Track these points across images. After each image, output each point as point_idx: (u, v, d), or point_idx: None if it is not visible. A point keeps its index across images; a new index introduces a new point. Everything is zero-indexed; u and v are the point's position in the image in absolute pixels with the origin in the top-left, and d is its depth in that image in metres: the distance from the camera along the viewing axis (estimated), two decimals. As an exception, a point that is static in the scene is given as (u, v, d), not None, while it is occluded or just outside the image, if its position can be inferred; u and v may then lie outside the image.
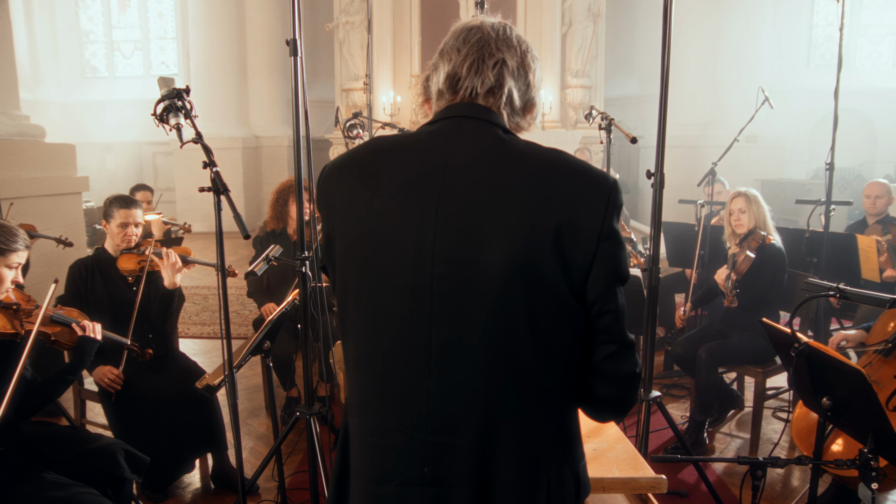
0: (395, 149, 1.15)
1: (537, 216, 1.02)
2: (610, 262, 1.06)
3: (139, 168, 12.54)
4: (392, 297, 1.09)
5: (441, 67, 1.16)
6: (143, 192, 5.03)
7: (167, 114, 2.10)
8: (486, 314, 1.04)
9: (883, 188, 4.46)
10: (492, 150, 1.09)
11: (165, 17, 13.08)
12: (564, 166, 1.07)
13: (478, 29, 1.15)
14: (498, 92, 1.14)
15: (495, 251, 1.02)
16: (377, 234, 1.09)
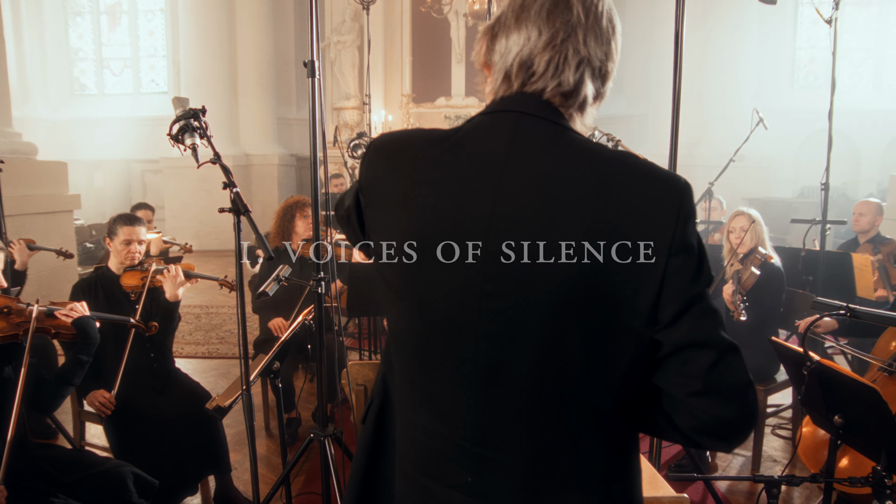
0: (452, 142, 1.03)
1: (599, 228, 0.93)
2: (684, 277, 0.94)
3: (128, 186, 12.47)
4: (439, 306, 1.01)
5: (513, 36, 1.02)
6: (144, 210, 5.01)
7: (182, 134, 2.10)
8: (538, 334, 0.95)
9: (867, 206, 4.54)
10: (554, 153, 0.98)
11: (156, 36, 13.08)
12: (631, 171, 0.96)
13: (566, 2, 1.00)
14: (573, 96, 1.02)
15: (549, 268, 0.93)
16: (426, 236, 1.00)
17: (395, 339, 1.10)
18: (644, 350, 0.97)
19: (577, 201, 0.94)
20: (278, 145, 12.18)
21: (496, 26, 1.04)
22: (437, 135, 1.06)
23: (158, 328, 3.22)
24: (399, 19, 10.75)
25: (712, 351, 0.95)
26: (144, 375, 3.19)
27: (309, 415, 4.31)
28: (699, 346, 0.95)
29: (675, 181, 0.96)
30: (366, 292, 3.61)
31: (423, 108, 10.91)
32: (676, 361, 0.97)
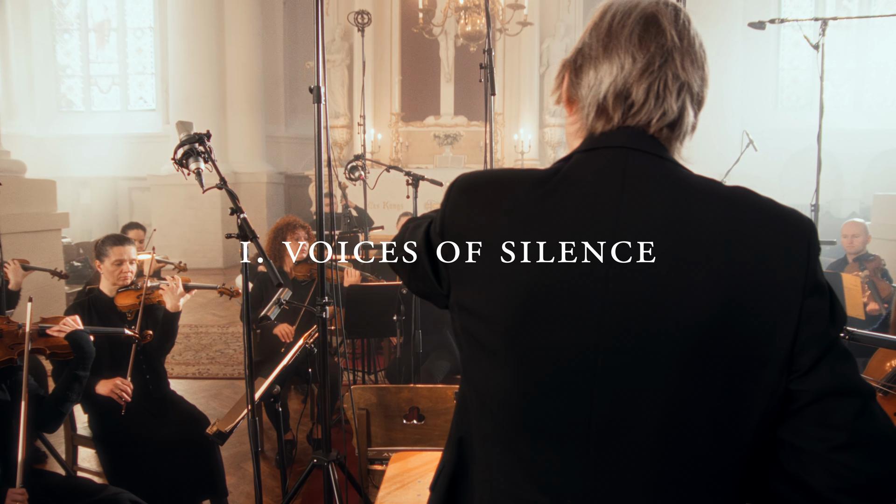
0: (554, 182, 0.94)
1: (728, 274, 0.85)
2: (820, 319, 0.86)
3: (115, 203, 12.39)
4: (548, 365, 0.91)
5: (603, 66, 0.94)
6: (135, 230, 4.97)
7: (187, 158, 2.10)
8: (661, 391, 0.86)
9: (859, 227, 4.63)
10: (672, 192, 0.89)
11: (145, 53, 13.06)
12: (757, 208, 0.88)
13: (657, 25, 0.92)
14: (678, 126, 0.95)
15: (675, 317, 0.85)
16: (536, 289, 0.91)
17: (485, 400, 0.98)
18: (776, 404, 0.88)
19: (703, 244, 0.86)
20: (266, 163, 12.16)
21: (579, 58, 0.97)
22: (534, 175, 0.97)
23: (157, 343, 3.20)
24: (388, 39, 10.82)
25: (856, 398, 0.85)
26: (140, 398, 3.15)
27: (304, 437, 4.27)
28: (842, 394, 0.86)
29: (800, 217, 0.89)
30: (363, 314, 3.61)
31: (412, 127, 10.95)
32: (815, 412, 0.87)
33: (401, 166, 10.50)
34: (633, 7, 0.94)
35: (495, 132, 10.85)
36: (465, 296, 0.98)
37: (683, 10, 0.95)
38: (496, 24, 6.66)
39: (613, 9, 0.95)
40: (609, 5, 0.97)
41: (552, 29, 10.69)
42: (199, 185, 2.10)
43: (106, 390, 2.97)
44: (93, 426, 3.11)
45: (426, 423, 2.54)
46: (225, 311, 8.12)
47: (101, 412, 3.08)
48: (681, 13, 0.94)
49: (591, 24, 0.98)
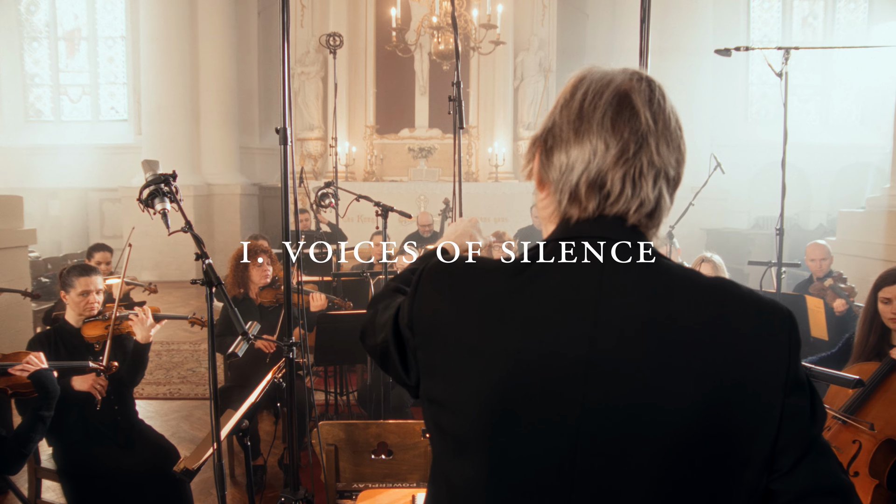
0: (529, 274, 0.90)
1: (710, 374, 0.82)
2: (802, 418, 0.85)
3: (85, 215, 12.19)
4: (523, 466, 0.88)
5: (574, 150, 0.89)
6: (102, 252, 4.90)
7: (153, 199, 2.09)
8: (640, 494, 0.84)
9: (824, 250, 4.74)
10: (652, 286, 0.87)
11: (116, 63, 12.89)
12: (737, 302, 0.86)
13: (630, 107, 0.88)
14: (655, 215, 0.91)
15: (657, 420, 0.83)
16: (508, 387, 0.87)
17: (457, 494, 0.94)
18: (756, 502, 0.86)
19: (684, 345, 0.83)
20: (240, 175, 12.07)
21: (549, 139, 0.93)
22: (508, 266, 0.93)
23: (126, 375, 3.15)
24: (363, 51, 10.83)
25: (838, 499, 0.85)
26: (106, 429, 3.12)
27: (275, 460, 4.25)
28: (823, 494, 0.85)
29: (781, 310, 0.87)
30: (334, 341, 3.60)
31: (386, 140, 10.97)
32: None
33: (375, 179, 10.52)
34: (606, 85, 0.90)
35: (469, 145, 10.91)
36: (436, 390, 0.95)
37: (658, 86, 0.92)
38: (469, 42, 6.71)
39: (585, 85, 0.92)
40: (581, 79, 0.93)
41: (526, 43, 10.78)
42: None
43: (86, 385, 2.94)
44: (57, 459, 3.06)
45: (394, 457, 2.55)
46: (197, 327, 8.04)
47: (67, 444, 3.04)
48: (655, 90, 0.90)
49: (562, 99, 0.94)
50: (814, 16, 12.20)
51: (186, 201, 10.70)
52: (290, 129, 2.04)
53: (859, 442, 2.65)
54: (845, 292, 4.46)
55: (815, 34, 12.25)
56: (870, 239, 6.45)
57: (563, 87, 0.97)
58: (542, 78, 10.78)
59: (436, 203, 9.64)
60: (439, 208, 7.26)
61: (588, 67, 0.95)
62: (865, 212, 6.71)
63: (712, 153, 4.91)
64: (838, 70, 12.03)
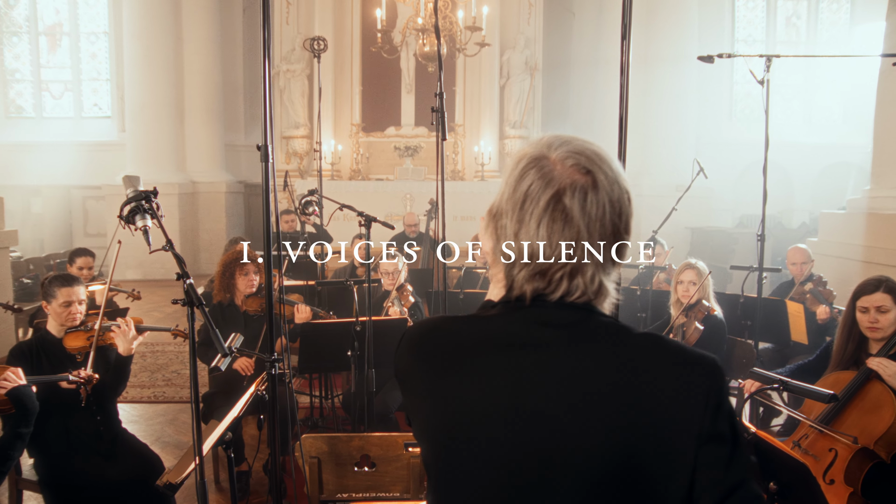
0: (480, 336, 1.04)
1: (627, 421, 0.92)
2: (716, 467, 0.92)
3: (68, 212, 12.08)
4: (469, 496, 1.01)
5: (517, 240, 0.99)
6: (84, 257, 4.85)
7: (133, 216, 2.08)
8: None
9: (804, 254, 4.80)
10: (580, 343, 0.98)
11: (99, 59, 12.75)
12: (659, 356, 0.96)
13: (565, 216, 0.96)
14: (598, 296, 1.01)
15: (576, 465, 0.93)
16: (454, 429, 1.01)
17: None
18: None
19: (604, 398, 0.93)
20: (226, 172, 12.00)
21: (498, 216, 1.02)
22: (464, 326, 1.06)
23: (109, 386, 3.14)
24: (349, 48, 10.79)
25: None
26: (89, 440, 3.10)
27: (260, 465, 4.24)
28: None
29: (703, 365, 0.95)
30: (317, 350, 3.61)
31: (372, 138, 10.94)
32: None
33: (361, 177, 10.50)
34: (547, 184, 0.97)
35: (456, 144, 10.91)
36: (413, 427, 1.11)
37: (598, 186, 0.97)
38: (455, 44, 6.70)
39: (529, 178, 0.98)
40: (527, 169, 0.99)
41: (512, 41, 10.79)
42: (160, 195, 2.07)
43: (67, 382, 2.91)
44: (39, 470, 3.04)
45: (377, 469, 2.57)
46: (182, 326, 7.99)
47: (49, 455, 3.02)
48: (587, 195, 0.97)
49: (511, 179, 1.01)
50: (797, 16, 12.30)
51: (170, 199, 10.72)
52: (271, 147, 2.04)
53: (835, 450, 2.70)
54: (825, 297, 4.52)
55: (799, 34, 12.35)
56: (850, 240, 6.54)
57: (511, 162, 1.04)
58: (529, 76, 10.80)
59: (422, 202, 9.64)
60: (425, 208, 7.26)
61: (535, 152, 1.01)
62: (846, 213, 6.80)
63: (695, 158, 4.94)
64: (821, 70, 12.15)
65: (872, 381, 2.77)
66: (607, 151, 1.03)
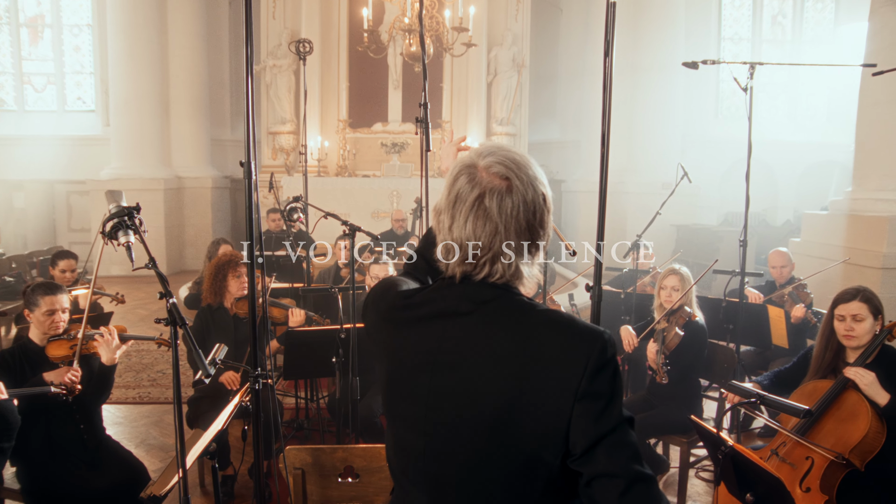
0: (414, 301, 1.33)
1: (517, 379, 1.16)
2: (589, 417, 1.14)
3: (51, 207, 11.95)
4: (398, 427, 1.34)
5: (451, 231, 1.23)
6: (66, 260, 4.81)
7: (116, 232, 2.07)
8: (466, 455, 1.22)
9: (785, 258, 4.86)
10: (486, 317, 1.22)
11: (82, 52, 12.59)
12: (551, 328, 1.19)
13: (485, 214, 1.19)
14: (514, 278, 1.25)
15: (476, 404, 1.20)
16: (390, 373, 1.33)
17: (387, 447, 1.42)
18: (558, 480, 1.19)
19: (502, 358, 1.19)
20: (212, 167, 11.93)
21: (439, 213, 1.27)
22: (414, 294, 1.35)
23: (92, 395, 3.12)
24: (336, 44, 10.72)
25: (621, 480, 1.13)
26: (73, 448, 3.09)
27: (245, 469, 4.25)
28: (610, 476, 1.13)
29: (589, 335, 1.17)
30: (302, 356, 3.62)
31: (359, 134, 10.90)
32: (592, 489, 1.15)
33: (348, 173, 10.46)
34: (473, 187, 1.21)
35: (442, 140, 10.89)
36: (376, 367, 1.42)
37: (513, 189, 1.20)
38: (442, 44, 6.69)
39: (460, 182, 1.23)
40: (457, 176, 1.24)
41: (500, 38, 10.77)
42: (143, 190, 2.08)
43: (61, 378, 2.92)
44: (21, 478, 3.03)
45: (361, 480, 2.58)
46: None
47: (32, 463, 3.01)
48: (505, 197, 1.20)
49: (448, 182, 1.26)
50: (783, 14, 12.36)
51: (156, 195, 10.65)
52: (254, 163, 2.04)
53: (812, 459, 2.74)
54: (801, 299, 4.60)
55: (784, 32, 12.42)
56: (832, 241, 6.61)
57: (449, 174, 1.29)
58: (516, 73, 10.79)
59: (408, 199, 9.65)
60: (411, 206, 7.27)
61: (468, 161, 1.24)
62: (828, 214, 6.87)
63: (680, 163, 4.97)
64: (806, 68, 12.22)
65: (849, 390, 2.82)
66: (528, 160, 1.25)
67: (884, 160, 6.23)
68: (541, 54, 12.72)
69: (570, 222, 12.39)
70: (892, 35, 6.11)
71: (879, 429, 2.71)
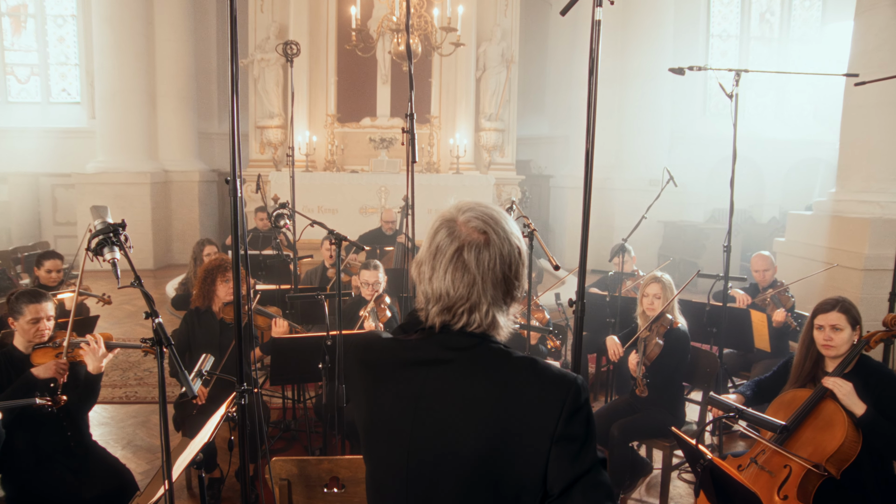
0: (398, 358, 1.35)
1: (496, 425, 1.21)
2: (565, 460, 1.19)
3: (36, 200, 11.84)
4: (379, 469, 1.37)
5: (431, 283, 1.28)
6: (52, 260, 4.78)
7: (101, 248, 2.07)
8: (447, 500, 1.26)
9: (767, 261, 4.92)
10: (466, 366, 1.27)
11: (67, 43, 12.44)
12: (527, 374, 1.24)
13: (463, 266, 1.25)
14: (491, 328, 1.29)
15: (455, 452, 1.24)
16: (372, 419, 1.36)
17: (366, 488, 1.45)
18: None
19: (480, 403, 1.24)
20: (199, 161, 11.87)
21: (420, 265, 1.32)
22: (394, 346, 1.38)
23: (78, 403, 3.11)
24: (324, 38, 10.65)
25: None
26: (59, 455, 3.09)
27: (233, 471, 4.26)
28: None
29: (563, 381, 1.23)
30: (288, 363, 3.64)
31: (347, 129, 10.86)
32: None
33: (336, 168, 10.43)
34: (452, 240, 1.27)
35: (431, 135, 10.88)
36: (356, 417, 1.45)
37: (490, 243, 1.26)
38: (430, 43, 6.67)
39: (441, 235, 1.28)
40: (438, 229, 1.30)
41: (489, 33, 10.74)
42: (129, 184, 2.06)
43: (50, 371, 2.95)
44: (6, 486, 3.02)
45: (347, 490, 2.60)
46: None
47: (17, 471, 3.01)
48: (483, 251, 1.26)
49: (429, 235, 1.31)
50: (771, 12, 12.42)
51: (143, 188, 10.58)
52: (239, 182, 2.04)
53: (790, 467, 2.80)
54: (783, 302, 4.67)
55: (772, 30, 12.48)
56: (816, 242, 6.68)
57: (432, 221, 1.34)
58: (505, 68, 10.77)
59: (396, 195, 9.63)
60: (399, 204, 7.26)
61: (448, 215, 1.31)
62: (812, 215, 6.94)
63: (665, 167, 5.00)
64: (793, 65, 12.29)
65: (827, 399, 2.88)
66: (504, 215, 1.32)
67: (867, 162, 6.30)
68: (530, 49, 12.72)
69: (558, 218, 12.44)
70: (876, 38, 6.17)
71: (855, 438, 2.76)
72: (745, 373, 4.87)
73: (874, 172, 6.20)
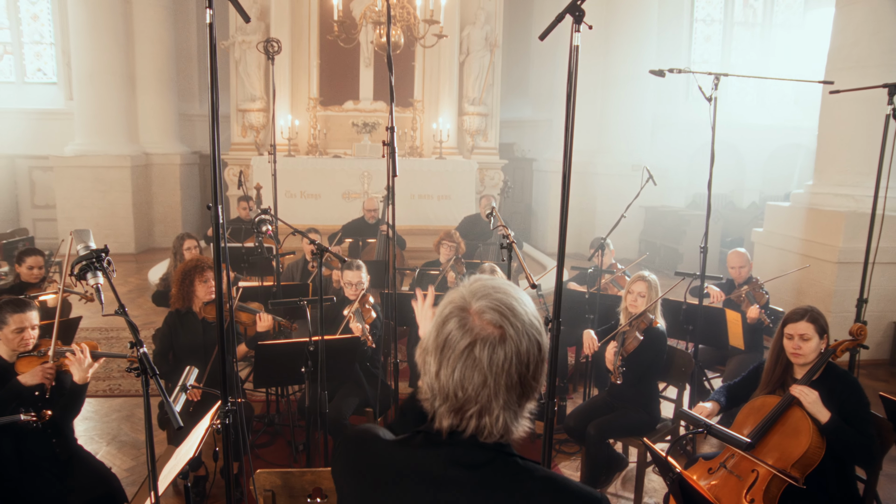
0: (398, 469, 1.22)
1: None
2: None
3: (13, 184, 11.66)
4: None
5: (438, 379, 1.16)
6: (34, 257, 4.74)
7: (85, 273, 2.10)
8: None
9: (743, 258, 5.01)
10: (484, 481, 1.15)
11: (41, 21, 12.16)
12: (551, 490, 1.14)
13: (475, 365, 1.13)
14: (505, 434, 1.17)
15: None
16: None
17: None
18: None
19: None
20: (180, 143, 11.75)
21: (425, 354, 1.19)
22: (394, 452, 1.24)
23: (63, 412, 3.13)
24: (307, 20, 10.52)
25: None
26: (45, 462, 3.11)
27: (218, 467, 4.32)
28: None
29: (587, 498, 1.15)
30: (271, 367, 3.68)
31: (330, 112, 10.78)
32: None
33: (319, 152, 10.37)
34: (464, 334, 1.14)
35: (414, 119, 10.84)
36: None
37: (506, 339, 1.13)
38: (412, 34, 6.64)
39: (450, 326, 1.15)
40: (447, 318, 1.16)
41: (472, 16, 10.66)
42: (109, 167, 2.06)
43: (38, 378, 2.97)
44: (-8, 494, 3.06)
45: (329, 500, 2.67)
46: (138, 308, 7.92)
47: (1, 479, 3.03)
48: (497, 348, 1.12)
49: (437, 323, 1.18)
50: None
51: (123, 172, 10.47)
52: (220, 207, 2.07)
53: (757, 472, 2.91)
54: (757, 299, 4.78)
55: (756, 15, 12.50)
56: (792, 233, 6.81)
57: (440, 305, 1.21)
58: (488, 52, 10.73)
59: (379, 180, 9.63)
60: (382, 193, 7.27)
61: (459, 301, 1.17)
62: (790, 207, 7.05)
63: (644, 167, 5.06)
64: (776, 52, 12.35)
65: (794, 406, 2.98)
66: (522, 300, 1.18)
67: (842, 156, 6.41)
68: (514, 33, 12.66)
69: (541, 202, 12.49)
70: (854, 33, 6.23)
71: (819, 444, 2.87)
72: (721, 367, 4.99)
73: (850, 166, 6.31)
